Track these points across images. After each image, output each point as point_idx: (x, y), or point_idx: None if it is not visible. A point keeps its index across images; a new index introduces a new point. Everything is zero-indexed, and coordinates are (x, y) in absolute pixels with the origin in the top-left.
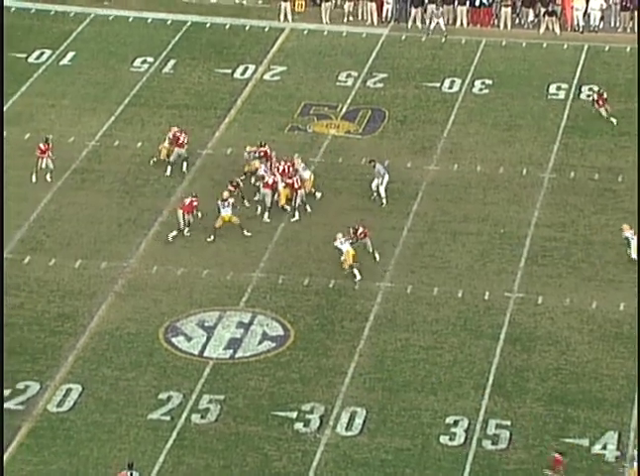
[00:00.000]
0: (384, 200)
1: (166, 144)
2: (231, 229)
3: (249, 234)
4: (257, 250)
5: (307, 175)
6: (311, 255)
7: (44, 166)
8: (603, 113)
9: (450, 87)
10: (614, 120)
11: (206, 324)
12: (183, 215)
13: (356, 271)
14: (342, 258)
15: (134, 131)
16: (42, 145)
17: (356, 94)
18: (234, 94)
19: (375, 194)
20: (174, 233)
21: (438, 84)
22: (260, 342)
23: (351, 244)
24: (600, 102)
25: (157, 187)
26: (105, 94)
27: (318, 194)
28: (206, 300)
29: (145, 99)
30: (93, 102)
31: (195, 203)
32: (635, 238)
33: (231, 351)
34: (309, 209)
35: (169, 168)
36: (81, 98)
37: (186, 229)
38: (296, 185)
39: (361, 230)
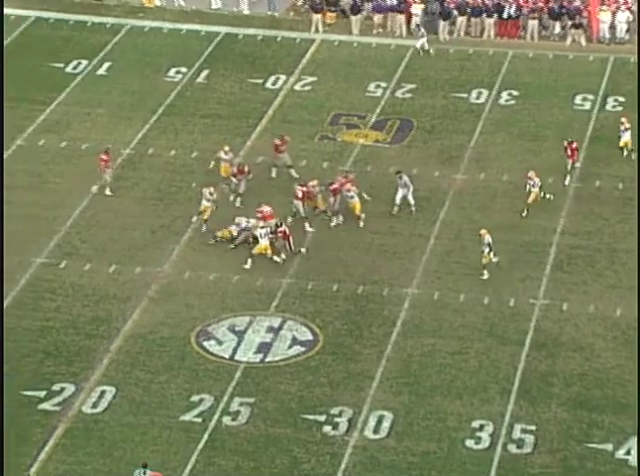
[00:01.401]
0: (414, 208)
1: (223, 155)
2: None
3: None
4: (287, 256)
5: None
6: (340, 261)
7: (107, 178)
8: (568, 166)
9: (477, 98)
10: (549, 196)
11: (237, 329)
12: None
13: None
14: (256, 247)
15: (168, 139)
16: (103, 155)
17: (385, 104)
18: (265, 104)
19: (397, 208)
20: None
21: (465, 95)
22: (289, 347)
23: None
24: (569, 152)
25: (189, 195)
26: (140, 103)
27: (361, 222)
28: (237, 305)
29: (178, 108)
30: (128, 111)
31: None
32: None
33: (261, 355)
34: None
35: (274, 169)
36: (117, 107)
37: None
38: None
39: (281, 229)
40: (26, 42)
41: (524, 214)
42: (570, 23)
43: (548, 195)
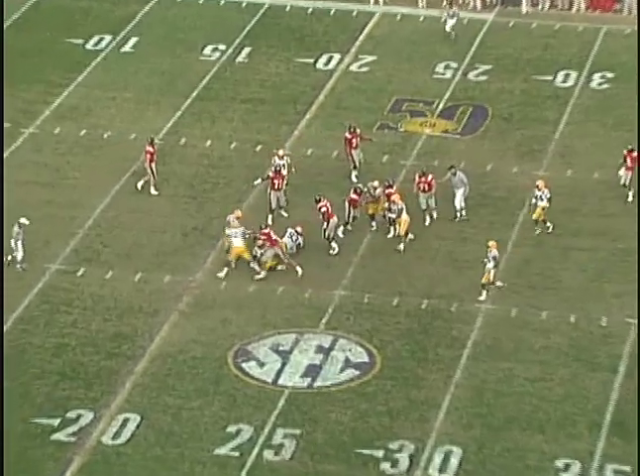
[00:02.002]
0: (463, 213)
1: (277, 160)
2: (309, 242)
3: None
4: (339, 265)
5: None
6: (401, 271)
7: (154, 174)
8: (626, 179)
9: (564, 81)
10: (550, 225)
11: (281, 348)
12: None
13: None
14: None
15: (202, 128)
16: (149, 147)
17: (455, 89)
18: (316, 87)
19: (460, 213)
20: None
21: (550, 78)
22: (341, 370)
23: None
24: (629, 163)
25: (227, 192)
26: (171, 86)
27: (401, 246)
28: (281, 321)
29: (215, 92)
30: (157, 95)
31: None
32: None
33: (309, 379)
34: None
35: (355, 173)
36: (144, 90)
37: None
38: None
39: (263, 236)
40: (40, 14)
41: (537, 232)
42: None
43: (549, 224)
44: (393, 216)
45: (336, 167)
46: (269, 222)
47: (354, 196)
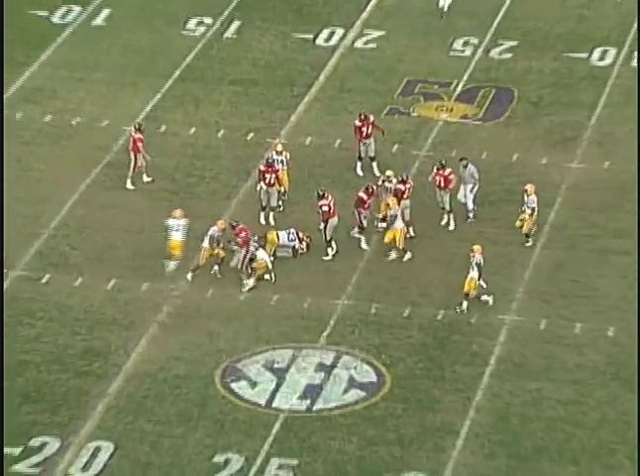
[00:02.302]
0: (474, 213)
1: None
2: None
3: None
4: (342, 270)
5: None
6: (414, 277)
7: (139, 163)
8: None
9: (601, 59)
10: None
11: (276, 366)
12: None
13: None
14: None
15: (186, 113)
16: (137, 133)
17: (475, 68)
18: (316, 67)
19: (473, 213)
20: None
21: (585, 55)
22: (345, 390)
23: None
24: None
25: (214, 187)
26: (149, 65)
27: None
28: (276, 335)
29: (200, 72)
30: (134, 75)
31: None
32: None
33: (308, 401)
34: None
35: (360, 164)
36: (119, 70)
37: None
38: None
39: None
40: None
41: (529, 244)
42: None
43: (530, 240)
44: (383, 226)
45: (339, 158)
46: (263, 221)
47: (363, 196)
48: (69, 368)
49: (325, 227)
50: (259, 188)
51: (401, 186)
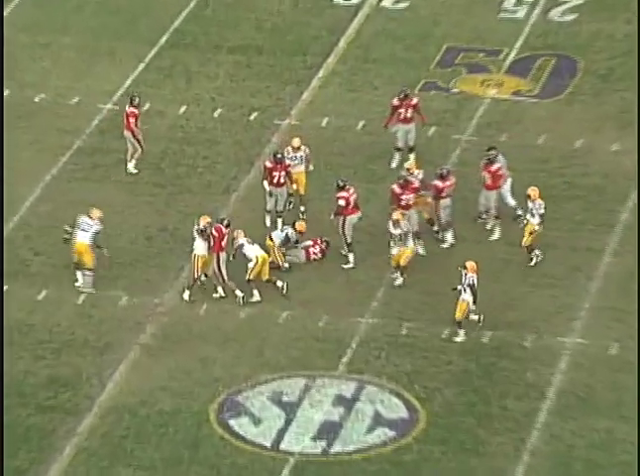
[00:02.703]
0: (519, 211)
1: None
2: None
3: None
4: (367, 281)
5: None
6: (454, 292)
7: (129, 147)
8: None
9: None
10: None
11: (285, 399)
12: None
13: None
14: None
15: (174, 88)
16: (132, 108)
17: (531, 32)
18: (334, 31)
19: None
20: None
21: None
22: (370, 429)
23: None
24: None
25: (209, 179)
26: (129, 28)
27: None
28: (285, 360)
29: (192, 37)
30: (110, 41)
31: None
32: None
33: (324, 443)
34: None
35: (398, 155)
36: (91, 34)
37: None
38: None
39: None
40: None
41: (532, 263)
42: None
43: (537, 252)
44: (394, 251)
45: (362, 144)
46: (268, 224)
47: (396, 189)
48: (30, 401)
49: (342, 225)
50: (267, 190)
51: (439, 183)
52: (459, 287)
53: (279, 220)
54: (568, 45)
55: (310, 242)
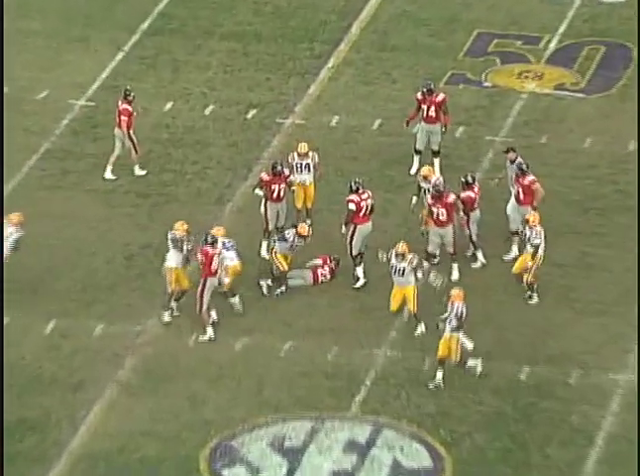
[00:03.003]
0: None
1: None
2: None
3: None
4: (383, 308)
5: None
6: (486, 317)
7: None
8: None
9: None
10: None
11: (288, 445)
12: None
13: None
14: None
15: (159, 81)
16: (125, 104)
17: (575, 17)
18: (346, 15)
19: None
20: None
21: None
22: None
23: None
24: None
25: (199, 187)
26: (106, 13)
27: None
28: (288, 399)
29: (179, 22)
30: (84, 27)
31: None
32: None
33: None
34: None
35: (417, 159)
36: (63, 19)
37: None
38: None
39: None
40: None
41: (532, 301)
42: None
43: (533, 295)
44: (393, 290)
45: (379, 146)
46: (264, 253)
47: (429, 199)
48: None
49: (351, 236)
50: (262, 207)
51: (471, 194)
52: (440, 318)
53: (276, 237)
54: (620, 30)
55: (319, 260)
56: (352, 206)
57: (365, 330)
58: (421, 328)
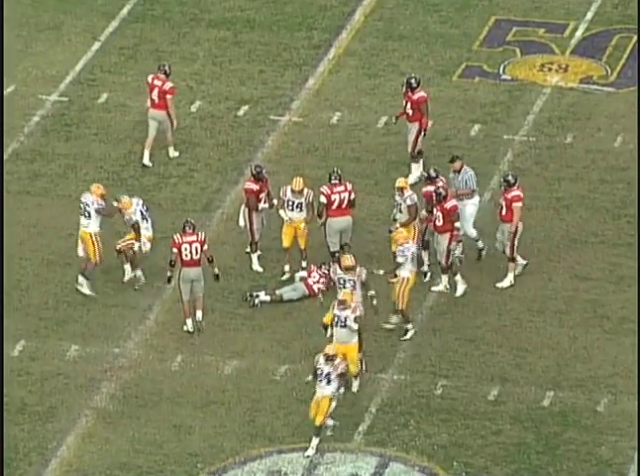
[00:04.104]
0: (480, 244)
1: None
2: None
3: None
4: (390, 329)
5: None
6: (503, 338)
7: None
8: None
9: None
10: None
11: None
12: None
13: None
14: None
15: (140, 73)
16: (169, 82)
17: (604, 1)
18: (348, 1)
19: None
20: None
21: None
22: None
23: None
24: None
25: (184, 192)
26: None
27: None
28: (284, 429)
29: (163, 8)
30: (56, 13)
31: None
32: None
33: None
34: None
35: (417, 161)
36: (32, 4)
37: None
38: None
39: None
40: None
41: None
42: None
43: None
44: (394, 280)
45: (384, 145)
46: (257, 267)
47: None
48: None
49: (325, 233)
50: (242, 220)
51: (431, 188)
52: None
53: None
54: None
55: (304, 273)
56: (321, 198)
57: (368, 352)
58: (409, 334)
